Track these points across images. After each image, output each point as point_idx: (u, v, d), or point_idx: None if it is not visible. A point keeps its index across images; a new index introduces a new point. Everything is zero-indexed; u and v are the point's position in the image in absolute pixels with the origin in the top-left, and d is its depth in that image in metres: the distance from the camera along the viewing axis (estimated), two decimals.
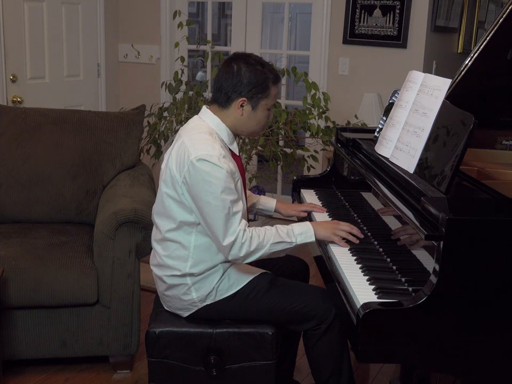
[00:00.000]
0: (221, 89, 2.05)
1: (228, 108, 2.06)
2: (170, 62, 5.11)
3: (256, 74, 2.02)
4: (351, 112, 4.35)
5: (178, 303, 2.12)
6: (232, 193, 1.96)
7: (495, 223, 1.59)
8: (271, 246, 2.01)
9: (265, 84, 2.03)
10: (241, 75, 2.01)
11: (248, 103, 2.04)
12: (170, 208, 2.05)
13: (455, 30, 4.85)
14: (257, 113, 2.06)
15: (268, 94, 2.05)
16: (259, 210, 2.47)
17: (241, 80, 2.01)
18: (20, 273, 2.54)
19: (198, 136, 2.01)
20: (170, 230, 2.06)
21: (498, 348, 1.65)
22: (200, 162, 1.94)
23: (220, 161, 1.94)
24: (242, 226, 1.97)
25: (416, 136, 2.05)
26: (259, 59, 2.08)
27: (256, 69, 2.03)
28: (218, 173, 1.93)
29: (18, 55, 4.28)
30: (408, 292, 1.73)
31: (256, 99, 2.04)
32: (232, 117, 2.07)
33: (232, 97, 2.04)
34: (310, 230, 2.08)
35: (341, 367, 2.09)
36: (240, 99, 2.03)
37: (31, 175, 3.04)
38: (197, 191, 1.96)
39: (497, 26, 2.31)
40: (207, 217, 1.96)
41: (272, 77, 2.05)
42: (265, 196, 2.51)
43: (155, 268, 2.16)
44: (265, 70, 2.04)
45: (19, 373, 2.70)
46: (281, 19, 6.60)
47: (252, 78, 2.02)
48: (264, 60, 2.10)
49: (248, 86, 2.02)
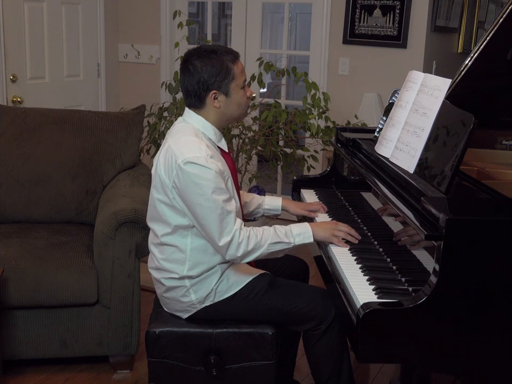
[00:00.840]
0: (189, 92, 2.03)
1: (204, 107, 2.04)
2: (170, 62, 5.11)
3: (212, 63, 1.99)
4: (351, 112, 4.35)
5: (177, 305, 2.12)
6: (224, 192, 1.95)
7: (495, 223, 1.59)
8: (269, 246, 2.00)
9: (225, 68, 2.00)
10: (198, 71, 1.99)
11: (220, 93, 2.02)
12: (163, 213, 2.04)
13: (455, 30, 4.85)
14: (232, 97, 2.04)
15: (233, 75, 2.01)
16: (266, 211, 2.43)
17: (202, 76, 1.99)
18: (19, 273, 2.54)
19: (183, 138, 2.00)
20: (166, 235, 2.06)
21: (498, 348, 1.65)
22: (187, 165, 1.93)
23: (207, 162, 1.93)
24: (238, 226, 1.96)
25: (416, 136, 2.05)
26: (210, 47, 2.04)
27: (210, 58, 1.99)
28: (207, 174, 1.92)
29: (18, 55, 4.28)
30: (408, 292, 1.73)
31: (225, 85, 2.01)
32: (212, 113, 2.05)
33: (202, 95, 2.02)
34: (309, 230, 2.07)
35: (341, 367, 2.09)
36: (211, 93, 2.01)
37: (31, 175, 3.04)
38: (188, 195, 1.95)
39: (497, 26, 2.31)
40: (201, 219, 1.95)
41: (229, 57, 2.01)
42: (270, 196, 2.49)
43: (153, 271, 2.16)
44: (219, 54, 2.00)
45: (19, 373, 2.70)
46: (281, 19, 6.60)
47: (210, 69, 1.99)
48: (216, 44, 2.07)
49: (211, 77, 1.99)
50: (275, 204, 2.42)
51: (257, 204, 2.41)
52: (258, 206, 2.42)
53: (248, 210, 2.40)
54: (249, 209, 2.40)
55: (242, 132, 4.04)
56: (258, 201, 2.42)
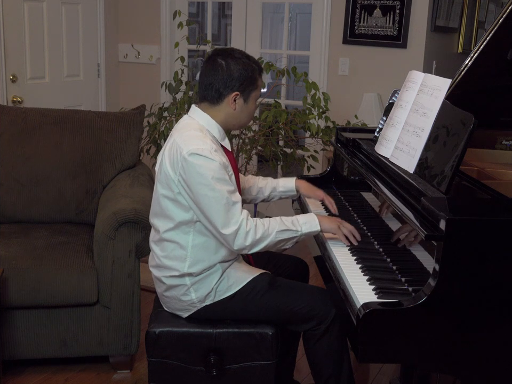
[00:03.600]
0: (211, 86, 2.04)
1: (219, 104, 2.06)
2: (170, 62, 5.11)
3: (245, 67, 2.03)
4: (351, 112, 4.35)
5: (178, 304, 2.12)
6: (228, 184, 1.96)
7: (495, 223, 1.59)
8: (276, 234, 2.00)
9: (253, 76, 2.05)
10: (231, 70, 2.02)
11: (241, 97, 2.05)
12: (167, 208, 2.05)
13: (455, 30, 4.85)
14: (248, 105, 2.08)
15: (257, 85, 2.07)
16: (282, 193, 2.44)
17: (232, 75, 2.02)
18: (20, 273, 2.54)
19: (188, 133, 2.02)
20: (168, 230, 2.06)
21: (498, 348, 1.65)
22: (192, 156, 1.94)
23: (211, 154, 1.95)
24: (244, 216, 1.96)
25: (416, 136, 2.05)
26: (243, 52, 2.09)
27: (243, 62, 2.04)
28: (211, 165, 1.94)
29: (18, 55, 4.28)
30: (408, 292, 1.73)
31: (248, 92, 2.05)
32: (224, 112, 2.07)
33: (224, 93, 2.04)
34: (315, 219, 2.08)
35: (341, 367, 2.09)
36: (233, 93, 2.03)
37: (31, 175, 3.04)
38: (193, 186, 1.96)
39: (497, 26, 2.31)
40: (206, 211, 1.96)
41: (257, 68, 2.08)
42: (283, 178, 2.47)
43: (154, 269, 2.16)
44: (251, 62, 2.06)
45: (19, 373, 2.70)
46: (281, 19, 6.61)
47: (242, 71, 2.02)
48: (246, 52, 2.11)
49: (239, 79, 2.02)
50: (289, 185, 2.42)
51: (271, 188, 2.41)
52: (273, 190, 2.42)
53: (264, 195, 2.41)
54: (264, 193, 2.41)
55: (242, 132, 4.04)
56: (273, 184, 2.42)
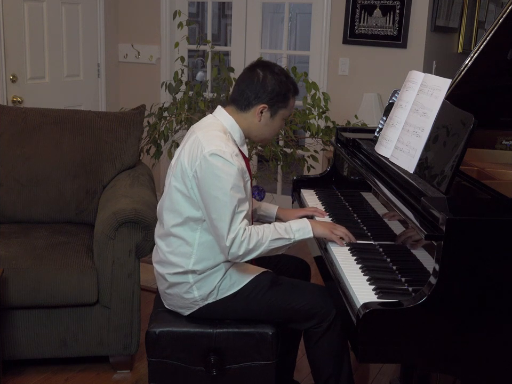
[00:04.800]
0: (243, 93, 2.08)
1: (246, 112, 2.09)
2: (170, 62, 5.11)
3: (280, 83, 2.08)
4: (351, 112, 4.35)
5: (180, 302, 2.13)
6: (241, 191, 1.97)
7: (495, 223, 1.59)
8: (270, 243, 2.01)
9: (287, 95, 2.09)
10: (266, 82, 2.06)
11: (268, 111, 2.09)
12: (178, 203, 2.05)
13: (455, 30, 4.85)
14: (274, 121, 2.12)
15: (287, 104, 2.11)
16: (261, 217, 2.45)
17: (266, 88, 2.06)
18: (20, 273, 2.54)
19: (212, 132, 2.04)
20: (176, 225, 2.07)
21: (498, 348, 1.65)
22: (212, 156, 1.95)
23: (232, 158, 1.96)
24: (243, 225, 1.97)
25: (416, 136, 2.05)
26: (283, 70, 2.13)
27: (280, 79, 2.08)
28: (229, 169, 1.95)
29: (18, 55, 4.28)
30: (408, 292, 1.73)
31: (276, 107, 2.09)
32: (249, 121, 2.10)
33: (253, 103, 2.08)
34: (308, 226, 2.09)
35: (341, 367, 2.09)
36: (261, 105, 2.07)
37: (31, 175, 3.04)
38: (207, 186, 1.96)
39: (497, 26, 2.31)
40: (213, 213, 1.96)
41: (293, 89, 2.12)
42: (266, 203, 2.50)
43: (157, 265, 2.16)
44: (288, 81, 2.11)
45: (19, 373, 2.70)
46: (281, 19, 6.60)
47: (276, 87, 2.07)
48: (287, 72, 2.15)
49: (271, 93, 2.07)
50: (270, 211, 2.44)
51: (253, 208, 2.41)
52: (254, 211, 2.40)
53: None
54: None
55: None
56: (254, 205, 2.41)
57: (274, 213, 2.43)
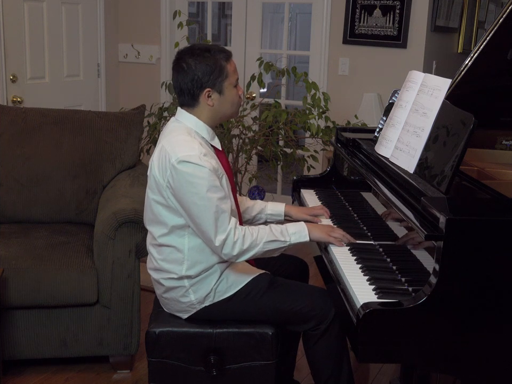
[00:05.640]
0: (182, 91, 2.03)
1: (197, 105, 2.05)
2: (170, 62, 5.04)
3: (206, 61, 2.00)
4: (351, 112, 4.35)
5: (177, 306, 2.12)
6: (218, 190, 1.95)
7: (495, 223, 1.59)
8: (264, 245, 2.00)
9: (219, 66, 2.01)
10: (193, 69, 2.00)
11: (214, 91, 2.03)
12: (160, 214, 2.04)
13: (455, 30, 4.85)
14: (226, 95, 2.05)
15: (226, 73, 2.03)
16: (269, 216, 2.40)
17: (196, 74, 2.00)
18: (20, 273, 2.54)
19: (176, 138, 2.00)
20: (163, 235, 2.06)
21: (498, 347, 1.65)
22: (181, 164, 1.93)
23: (200, 160, 1.93)
24: (232, 225, 1.96)
25: (416, 136, 2.04)
26: (203, 46, 2.06)
27: (204, 57, 2.00)
28: (200, 172, 1.92)
29: (18, 55, 4.28)
30: (408, 292, 1.73)
31: (219, 83, 2.02)
32: (206, 111, 2.06)
33: (196, 93, 2.02)
34: (304, 229, 2.08)
35: (341, 367, 2.09)
36: (205, 91, 2.02)
37: (31, 175, 3.04)
38: (182, 194, 1.95)
39: (497, 26, 2.31)
40: (196, 218, 1.95)
41: (222, 56, 2.03)
42: (272, 202, 2.46)
43: (152, 272, 2.16)
44: (213, 53, 2.02)
45: (19, 373, 2.70)
46: (281, 19, 6.60)
47: (204, 67, 2.00)
48: (208, 44, 2.07)
49: (205, 76, 2.00)
50: (278, 209, 2.39)
51: (259, 209, 2.38)
52: (261, 211, 2.39)
53: (251, 215, 2.38)
54: (251, 214, 2.38)
55: (242, 132, 4.04)
56: (261, 206, 2.39)
57: (283, 210, 2.38)
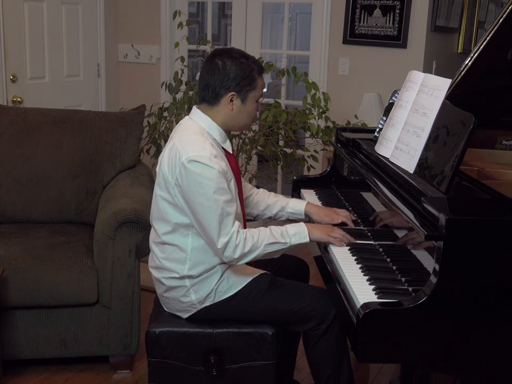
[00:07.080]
0: (208, 86, 2.03)
1: (217, 105, 2.05)
2: (170, 62, 5.11)
3: (242, 67, 2.01)
4: (351, 112, 4.35)
5: (178, 305, 2.12)
6: (225, 193, 1.95)
7: (495, 223, 1.59)
8: (265, 247, 2.00)
9: (251, 76, 2.03)
10: (227, 70, 2.00)
11: (238, 97, 2.03)
12: (165, 211, 2.05)
13: (455, 30, 4.85)
14: (247, 106, 2.06)
15: (255, 85, 2.04)
16: (290, 215, 2.36)
17: (228, 75, 2.00)
18: (20, 273, 2.54)
19: (188, 137, 2.00)
20: (167, 233, 2.06)
21: (498, 347, 1.65)
22: (191, 163, 1.93)
23: (210, 161, 1.93)
24: (235, 228, 1.96)
25: (416, 136, 2.04)
26: (241, 52, 2.07)
27: (240, 62, 2.02)
28: (209, 174, 1.93)
29: (18, 55, 4.28)
30: (408, 292, 1.73)
31: (245, 92, 2.03)
32: (223, 113, 2.06)
33: (220, 93, 2.02)
34: (304, 230, 2.07)
35: (341, 367, 2.09)
36: (229, 94, 2.02)
37: (31, 175, 3.04)
38: (189, 193, 1.95)
39: (497, 26, 2.31)
40: (201, 218, 1.95)
41: (257, 68, 2.05)
42: (295, 199, 2.40)
43: (153, 270, 2.16)
44: (249, 62, 2.04)
45: (19, 373, 2.70)
46: (281, 19, 6.61)
47: (238, 71, 2.01)
48: (246, 52, 2.08)
49: (235, 79, 2.01)
50: (298, 208, 2.33)
51: (280, 207, 2.35)
52: (282, 209, 2.35)
53: (272, 213, 2.36)
54: (272, 211, 2.36)
55: (242, 132, 4.04)
56: (282, 203, 2.35)
57: (303, 210, 2.32)
